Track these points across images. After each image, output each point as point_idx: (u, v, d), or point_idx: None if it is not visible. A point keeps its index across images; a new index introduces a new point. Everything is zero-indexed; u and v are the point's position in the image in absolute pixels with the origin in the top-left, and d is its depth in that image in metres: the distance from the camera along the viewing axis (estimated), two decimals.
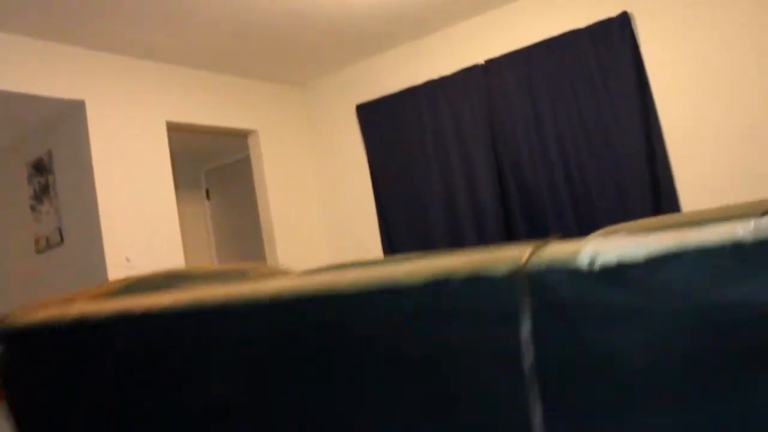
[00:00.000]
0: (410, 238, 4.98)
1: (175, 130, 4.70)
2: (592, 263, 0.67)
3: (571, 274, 0.68)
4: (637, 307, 0.65)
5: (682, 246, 0.63)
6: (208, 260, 6.45)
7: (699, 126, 3.83)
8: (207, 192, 6.46)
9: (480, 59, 4.61)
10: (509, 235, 4.49)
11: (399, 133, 5.00)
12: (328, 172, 5.54)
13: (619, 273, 0.66)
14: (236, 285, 1.04)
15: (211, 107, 4.87)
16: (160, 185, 4.36)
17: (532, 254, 0.73)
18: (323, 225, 5.58)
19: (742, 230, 0.64)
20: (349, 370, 0.86)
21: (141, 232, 4.14)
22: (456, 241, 4.73)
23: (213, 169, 6.41)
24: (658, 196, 3.92)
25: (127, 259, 3.97)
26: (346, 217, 5.42)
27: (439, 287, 0.77)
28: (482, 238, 4.61)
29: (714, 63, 3.78)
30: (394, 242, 5.07)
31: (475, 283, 0.74)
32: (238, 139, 5.63)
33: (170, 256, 4.27)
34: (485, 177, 4.58)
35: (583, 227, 4.12)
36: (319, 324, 0.89)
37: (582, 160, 4.19)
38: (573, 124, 4.21)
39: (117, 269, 3.92)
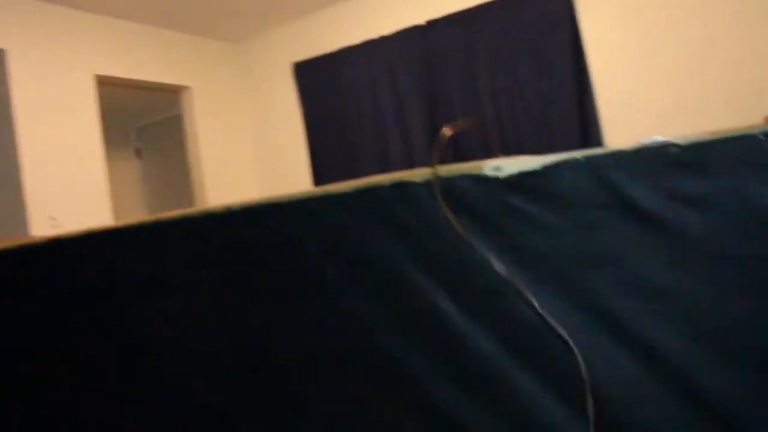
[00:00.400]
0: None
1: (105, 84, 4.61)
2: (496, 172, 0.77)
3: (478, 180, 0.78)
4: (536, 209, 0.76)
5: (573, 156, 0.74)
6: (138, 218, 6.38)
7: (633, 97, 4.01)
8: (138, 150, 6.36)
9: (420, 20, 4.66)
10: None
11: (336, 93, 5.03)
12: (264, 131, 5.54)
13: (520, 180, 0.76)
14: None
15: (143, 62, 4.79)
16: (88, 142, 4.29)
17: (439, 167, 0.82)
18: (258, 186, 5.59)
19: (627, 145, 0.76)
20: (297, 273, 0.94)
21: (67, 190, 4.07)
22: None
23: (144, 126, 6.30)
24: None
25: (53, 218, 3.91)
26: (282, 178, 5.44)
27: (369, 192, 0.86)
28: None
29: (652, 34, 3.94)
30: None
31: (399, 188, 0.84)
32: (171, 96, 5.56)
33: (98, 216, 4.23)
34: (421, 139, 4.67)
35: None
36: (269, 231, 0.96)
37: (518, 125, 4.32)
38: (510, 89, 4.33)
39: (41, 228, 3.86)
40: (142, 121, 6.25)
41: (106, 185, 4.33)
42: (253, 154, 5.57)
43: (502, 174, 0.77)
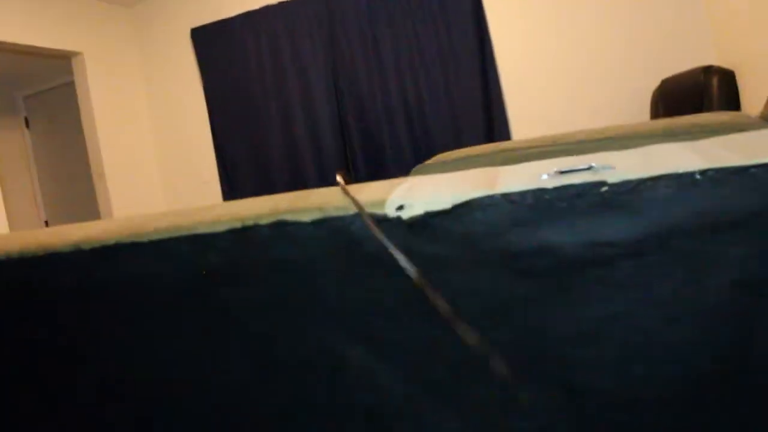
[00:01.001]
0: (248, 169, 4.86)
1: None
2: (399, 214, 0.64)
3: (379, 223, 0.65)
4: (445, 255, 0.64)
5: (487, 194, 0.62)
6: (31, 194, 5.96)
7: (532, 60, 3.97)
8: (26, 119, 5.91)
9: None
10: (347, 166, 4.50)
11: (236, 60, 4.79)
12: (162, 99, 5.23)
13: (426, 223, 0.64)
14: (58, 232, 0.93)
15: (28, 25, 4.39)
16: None
17: (351, 197, 0.69)
18: (157, 157, 5.29)
19: (545, 175, 0.64)
20: (154, 326, 0.80)
21: None
22: (295, 174, 4.67)
23: (33, 94, 5.84)
24: (491, 131, 4.06)
25: None
26: (182, 148, 5.18)
27: (243, 234, 0.72)
28: (321, 170, 4.59)
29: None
30: (231, 174, 4.92)
31: (281, 229, 0.70)
32: (61, 62, 5.16)
33: None
34: (325, 109, 4.52)
35: (419, 156, 4.20)
36: (123, 274, 0.81)
37: (419, 90, 4.23)
38: (412, 54, 4.23)
39: None
40: (31, 89, 5.79)
41: None
42: (150, 122, 5.27)
43: (405, 215, 0.64)
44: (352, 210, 0.67)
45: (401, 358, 0.69)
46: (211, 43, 4.85)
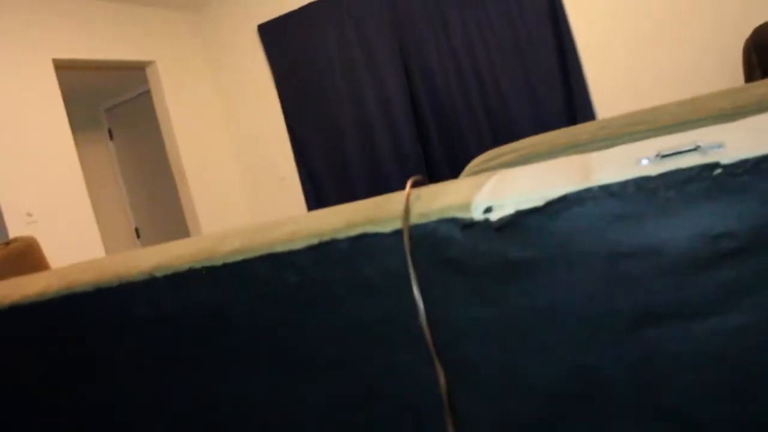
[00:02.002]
0: (324, 159, 4.87)
1: (64, 68, 4.36)
2: (487, 215, 0.59)
3: (465, 228, 0.60)
4: (540, 258, 0.58)
5: (584, 186, 0.56)
6: (119, 203, 6.18)
7: (610, 30, 3.79)
8: (110, 131, 6.11)
9: None
10: (424, 149, 4.44)
11: (305, 52, 4.79)
12: (235, 99, 5.30)
13: (517, 224, 0.58)
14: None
15: (102, 40, 4.52)
16: (56, 130, 4.06)
17: (409, 204, 0.64)
18: (234, 155, 5.38)
19: (645, 160, 0.57)
20: (228, 360, 0.77)
21: (40, 183, 3.87)
22: (372, 162, 4.65)
23: (114, 106, 6.04)
24: (571, 105, 3.91)
25: (29, 215, 3.72)
26: (258, 144, 5.23)
27: (322, 250, 0.68)
28: (397, 153, 4.55)
29: None
30: (308, 166, 4.95)
31: (361, 242, 0.65)
32: (136, 73, 5.30)
33: (75, 204, 4.04)
34: (397, 92, 4.47)
35: (498, 137, 4.09)
36: (199, 300, 0.79)
37: (494, 66, 4.11)
38: (483, 31, 4.11)
39: (18, 227, 3.68)
40: (111, 101, 5.99)
41: (79, 172, 4.11)
42: (225, 122, 5.35)
43: (494, 216, 0.59)
44: (437, 215, 0.62)
45: (492, 386, 0.63)
46: (279, 37, 4.87)
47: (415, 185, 0.73)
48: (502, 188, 0.62)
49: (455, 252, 0.61)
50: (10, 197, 3.70)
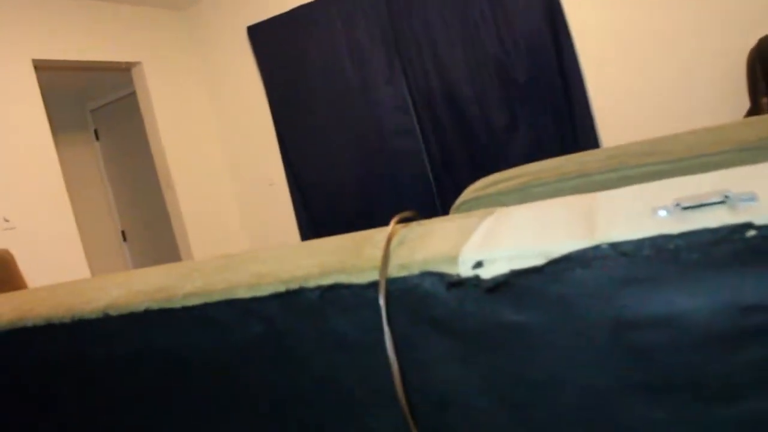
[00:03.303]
0: (312, 164, 4.78)
1: (45, 68, 4.25)
2: (477, 271, 0.51)
3: (451, 286, 0.52)
4: (538, 324, 0.50)
5: (591, 244, 0.48)
6: (105, 205, 6.07)
7: (612, 24, 3.73)
8: (96, 132, 6.00)
9: None
10: (416, 153, 4.37)
11: (295, 55, 4.71)
12: (224, 101, 5.21)
13: (511, 284, 0.50)
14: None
15: (85, 40, 4.42)
16: (35, 132, 3.96)
17: (389, 252, 0.56)
18: (223, 159, 5.29)
19: (663, 211, 0.50)
20: (184, 412, 0.69)
21: (18, 187, 3.76)
22: (360, 164, 4.57)
23: (100, 107, 5.93)
24: (572, 116, 3.85)
25: (5, 220, 3.62)
26: (247, 148, 5.15)
27: (289, 299, 0.60)
28: (387, 157, 4.48)
29: None
30: (296, 171, 4.86)
31: (333, 294, 0.57)
32: (122, 74, 5.21)
33: (56, 209, 3.93)
34: (387, 99, 4.39)
35: (493, 141, 4.03)
36: (155, 344, 0.71)
37: (484, 88, 4.04)
38: (476, 43, 4.04)
39: None
40: (97, 102, 5.88)
41: (59, 175, 4.01)
42: (214, 126, 5.26)
43: (485, 274, 0.51)
44: (419, 267, 0.54)
45: None
46: (268, 40, 4.79)
47: (404, 220, 0.65)
48: (494, 237, 0.54)
49: (439, 312, 0.53)
50: None
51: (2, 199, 3.64)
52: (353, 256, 0.59)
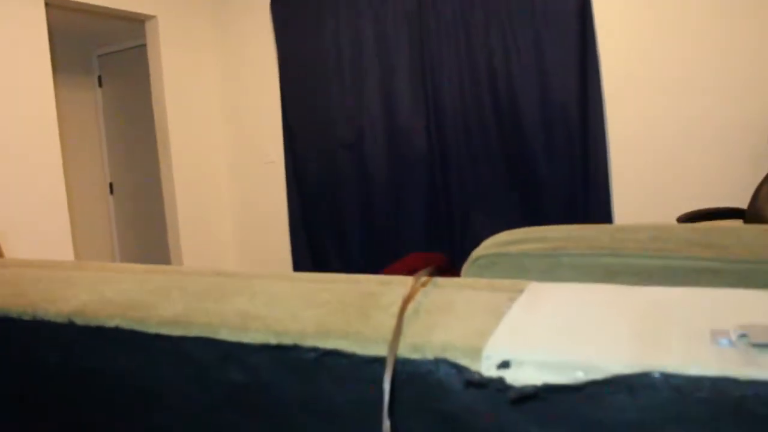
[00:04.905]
0: (313, 149, 4.69)
1: (57, 7, 4.14)
2: (501, 373, 0.44)
3: (470, 385, 0.45)
4: None
5: (641, 370, 0.41)
6: (97, 154, 5.95)
7: (638, 67, 3.65)
8: (99, 78, 5.88)
9: None
10: (430, 156, 4.28)
11: (315, 38, 4.61)
12: (233, 71, 5.10)
13: (542, 398, 0.43)
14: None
15: None
16: (35, 67, 3.82)
17: (399, 324, 0.49)
18: (223, 128, 5.19)
19: (725, 340, 0.43)
20: None
21: (8, 125, 3.65)
22: (362, 158, 4.49)
23: (108, 53, 5.80)
24: (586, 137, 3.77)
25: None
26: (250, 123, 5.05)
27: (280, 354, 0.53)
28: (395, 156, 4.39)
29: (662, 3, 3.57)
30: (295, 152, 4.77)
31: (330, 359, 0.50)
32: (136, 25, 5.09)
33: (45, 152, 3.82)
34: (407, 107, 4.29)
35: (508, 144, 3.96)
36: (120, 364, 0.63)
37: (513, 89, 3.95)
38: (507, 50, 3.94)
39: None
40: (106, 48, 5.76)
41: (53, 117, 3.89)
42: (221, 94, 5.16)
43: (512, 378, 0.44)
44: (434, 352, 0.47)
45: None
46: (291, 16, 4.68)
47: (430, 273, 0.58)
48: (525, 329, 0.47)
49: (451, 408, 0.46)
50: None
51: None
52: (359, 319, 0.52)
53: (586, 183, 3.78)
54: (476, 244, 4.16)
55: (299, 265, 4.83)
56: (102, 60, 5.83)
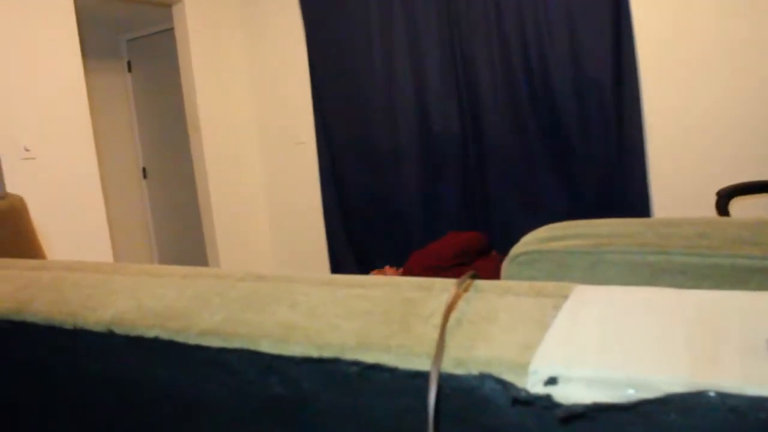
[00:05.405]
0: (346, 131, 4.68)
1: None
2: (549, 390, 0.43)
3: (516, 403, 0.44)
4: None
5: (695, 388, 0.40)
6: (129, 139, 6.01)
7: (675, 45, 3.55)
8: (129, 63, 5.91)
9: None
10: (462, 140, 4.24)
11: (344, 19, 4.57)
12: (261, 53, 5.09)
13: (591, 418, 0.42)
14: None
15: None
16: (65, 53, 3.84)
17: (442, 337, 0.48)
18: (253, 110, 5.20)
19: None
20: None
21: (41, 112, 3.68)
22: (396, 141, 4.46)
23: (138, 38, 5.83)
24: (621, 109, 3.70)
25: (26, 149, 3.55)
26: (279, 105, 5.04)
27: (321, 368, 0.52)
28: (427, 138, 4.36)
29: None
30: (329, 135, 4.76)
31: (372, 373, 0.50)
32: (164, 9, 5.10)
33: (78, 139, 3.86)
34: (436, 75, 4.26)
35: (545, 136, 3.90)
36: (157, 378, 0.63)
37: (547, 75, 3.88)
38: (539, 34, 3.87)
39: (13, 162, 3.50)
40: (135, 32, 5.78)
41: (84, 104, 3.92)
42: (249, 77, 5.16)
43: (559, 396, 0.42)
44: (479, 368, 0.46)
45: None
46: (320, 2, 4.64)
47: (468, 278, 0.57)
48: (572, 341, 0.46)
49: (498, 424, 0.45)
50: (7, 128, 3.50)
51: (24, 124, 3.58)
52: (401, 331, 0.51)
53: (620, 157, 3.71)
54: (510, 223, 4.13)
55: (334, 249, 4.85)
56: (130, 45, 5.86)
